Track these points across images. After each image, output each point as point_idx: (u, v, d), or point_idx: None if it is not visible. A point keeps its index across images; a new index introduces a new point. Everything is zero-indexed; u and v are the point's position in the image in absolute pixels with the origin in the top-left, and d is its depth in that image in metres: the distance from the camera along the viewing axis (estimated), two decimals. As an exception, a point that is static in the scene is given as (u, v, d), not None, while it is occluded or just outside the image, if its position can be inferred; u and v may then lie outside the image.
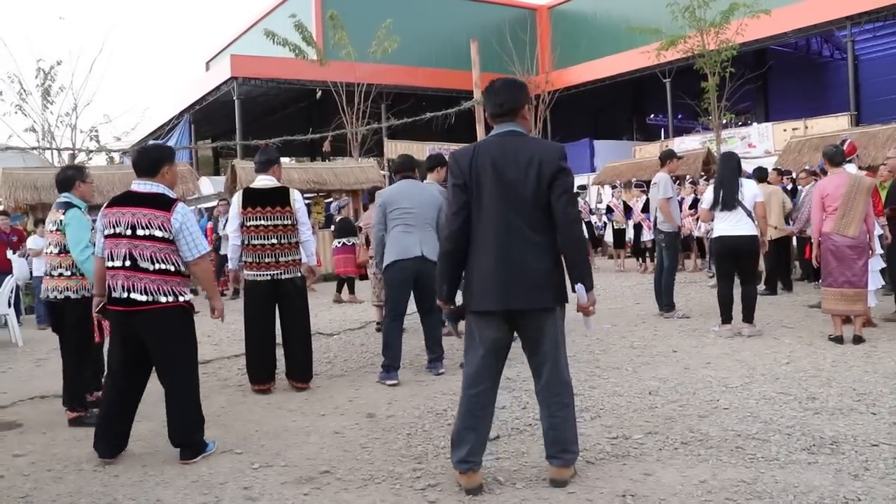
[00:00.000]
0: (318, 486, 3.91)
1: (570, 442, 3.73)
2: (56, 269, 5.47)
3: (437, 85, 27.23)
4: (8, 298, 10.25)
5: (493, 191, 3.58)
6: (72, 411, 5.49)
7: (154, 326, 4.41)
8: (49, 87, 21.96)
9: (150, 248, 4.37)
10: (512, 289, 3.56)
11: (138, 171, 4.57)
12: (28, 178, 14.49)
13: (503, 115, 3.71)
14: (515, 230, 3.56)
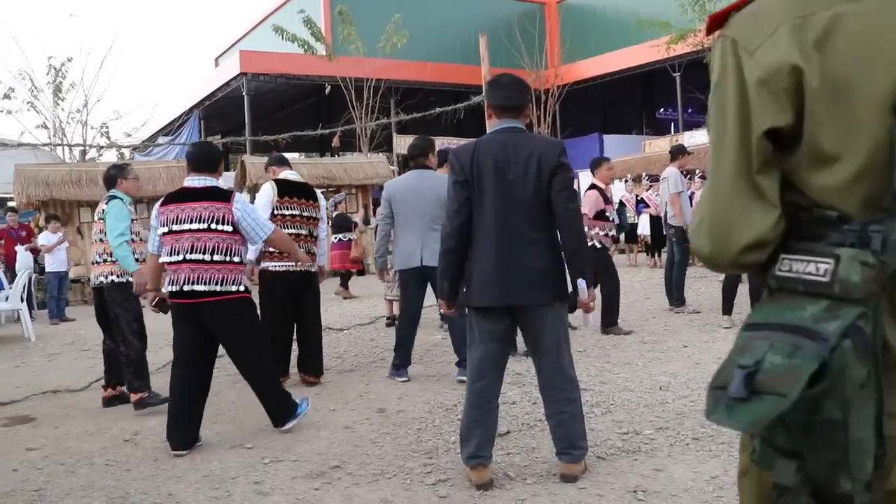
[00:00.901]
0: (329, 481, 3.92)
1: (578, 438, 3.72)
2: (101, 256, 5.73)
3: (446, 80, 27.17)
4: (21, 293, 10.31)
5: (493, 188, 3.58)
6: (135, 393, 5.58)
7: (221, 316, 4.58)
8: (60, 83, 22.11)
9: (214, 239, 4.54)
10: (511, 285, 3.56)
11: (195, 167, 4.71)
12: (40, 175, 14.56)
13: (509, 109, 3.71)
14: (515, 227, 3.57)
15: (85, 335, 9.96)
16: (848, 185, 1.15)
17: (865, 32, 1.13)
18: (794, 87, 1.15)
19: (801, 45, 1.14)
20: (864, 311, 1.08)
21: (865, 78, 1.13)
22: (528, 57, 23.65)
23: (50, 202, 14.34)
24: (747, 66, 1.19)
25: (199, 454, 4.49)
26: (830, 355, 1.05)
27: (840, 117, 1.14)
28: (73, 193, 14.52)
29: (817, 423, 1.08)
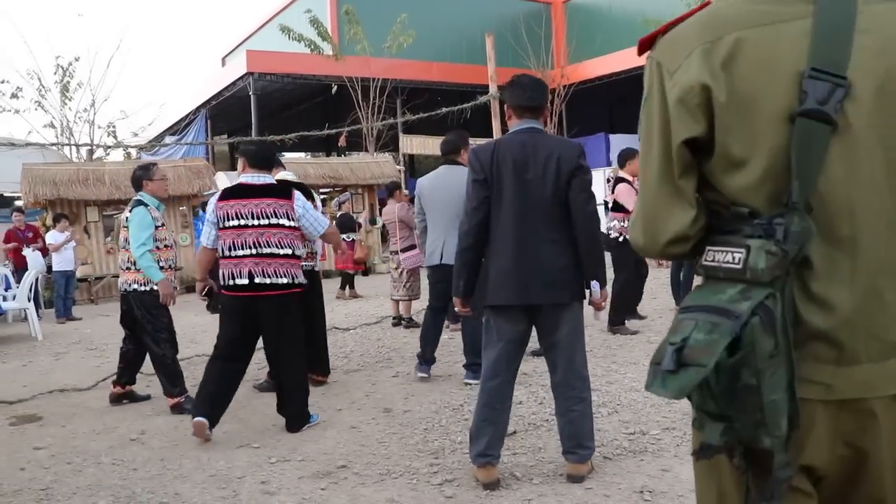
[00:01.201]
0: (335, 481, 3.92)
1: (585, 437, 3.73)
2: (126, 263, 5.70)
3: (453, 80, 27.14)
4: (28, 293, 10.35)
5: (512, 187, 3.60)
6: (171, 397, 5.60)
7: (277, 310, 4.77)
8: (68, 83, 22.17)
9: (277, 234, 4.74)
10: (530, 284, 3.58)
11: (254, 164, 4.88)
12: (47, 174, 14.59)
13: (529, 109, 3.72)
14: (534, 227, 3.59)
15: (91, 334, 10.00)
16: (755, 185, 1.32)
17: (763, 55, 1.31)
18: (706, 103, 1.33)
19: (710, 67, 1.32)
20: (772, 292, 1.24)
21: (764, 94, 1.30)
22: (535, 57, 23.62)
23: (57, 201, 14.38)
24: (668, 85, 1.37)
25: (205, 453, 4.50)
26: (742, 330, 1.21)
27: (745, 127, 1.32)
28: (80, 193, 14.55)
29: (738, 388, 1.23)
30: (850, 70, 1.28)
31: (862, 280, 1.31)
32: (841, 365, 1.31)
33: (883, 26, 1.30)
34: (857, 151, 1.30)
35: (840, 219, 1.31)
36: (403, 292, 8.84)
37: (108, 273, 14.86)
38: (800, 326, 1.30)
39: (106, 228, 15.23)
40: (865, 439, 1.33)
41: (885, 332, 1.32)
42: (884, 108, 1.29)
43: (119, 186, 14.84)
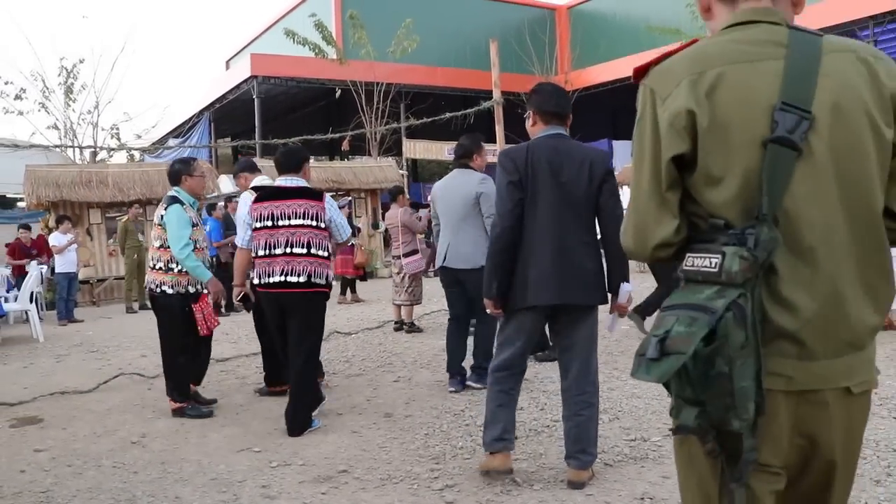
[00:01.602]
0: (336, 486, 3.92)
1: (590, 443, 3.74)
2: (156, 262, 5.49)
3: (457, 85, 27.16)
4: (30, 294, 10.35)
5: (548, 189, 3.65)
6: (173, 402, 5.50)
7: (303, 307, 4.93)
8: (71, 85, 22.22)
9: (308, 234, 4.91)
10: (568, 285, 3.64)
11: (283, 169, 5.10)
12: (50, 176, 14.62)
13: (557, 116, 3.79)
14: (571, 228, 3.66)
15: (93, 336, 10.00)
16: (731, 200, 1.51)
17: (740, 88, 1.51)
18: (691, 126, 1.52)
19: (696, 96, 1.52)
20: (743, 292, 1.42)
21: (741, 121, 1.50)
22: (539, 62, 23.68)
23: (60, 203, 14.39)
24: (660, 109, 1.56)
25: (206, 457, 4.50)
26: (717, 324, 1.38)
27: (723, 149, 1.51)
28: (82, 195, 14.57)
29: (711, 375, 1.41)
30: (814, 106, 1.49)
31: (820, 286, 1.50)
32: (801, 360, 1.50)
33: (839, 71, 1.53)
34: (817, 174, 1.50)
35: (802, 231, 1.50)
36: (405, 297, 8.83)
37: (110, 275, 14.88)
38: (767, 325, 1.47)
39: (108, 230, 15.24)
40: (818, 427, 1.54)
41: (838, 332, 1.51)
42: (838, 138, 1.50)
43: (122, 189, 14.86)
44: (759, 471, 1.51)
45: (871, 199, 1.54)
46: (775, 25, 1.57)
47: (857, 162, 1.52)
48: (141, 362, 7.78)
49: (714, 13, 1.68)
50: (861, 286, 1.53)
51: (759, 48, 1.54)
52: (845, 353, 1.53)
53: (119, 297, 14.61)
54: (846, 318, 1.52)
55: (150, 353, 8.37)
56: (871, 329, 1.55)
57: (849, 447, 1.59)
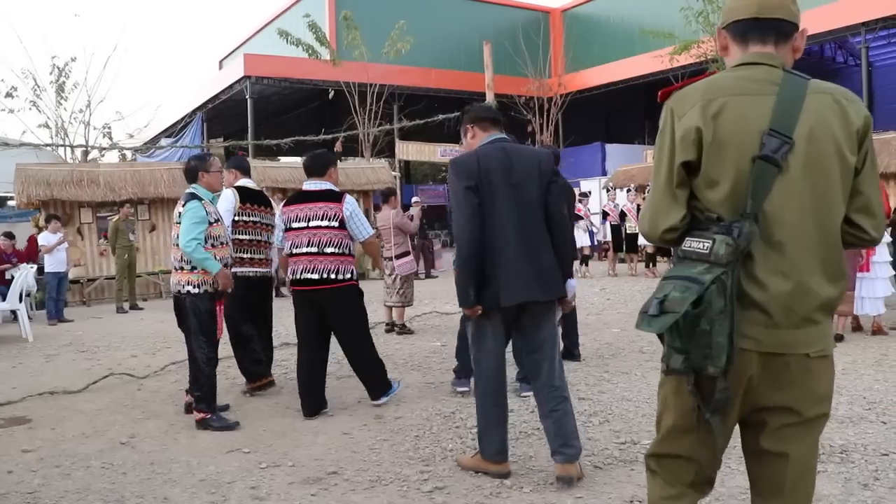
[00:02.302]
0: (326, 487, 3.91)
1: (571, 435, 3.81)
2: (178, 262, 5.30)
3: (450, 86, 27.17)
4: (20, 293, 10.30)
5: (503, 191, 3.74)
6: (198, 412, 5.22)
7: (334, 302, 5.30)
8: (63, 83, 22.12)
9: (328, 234, 5.28)
10: (535, 282, 3.75)
11: (310, 173, 5.47)
12: (41, 174, 14.55)
13: (496, 122, 4.00)
14: (528, 228, 3.77)
15: (83, 336, 9.96)
16: (723, 199, 1.98)
17: (739, 115, 1.97)
18: (698, 140, 1.99)
19: (704, 117, 1.98)
20: (726, 270, 1.88)
21: (737, 140, 1.96)
22: (532, 65, 23.70)
23: (50, 202, 14.33)
24: (676, 125, 2.03)
25: (195, 458, 4.49)
26: (704, 292, 1.85)
27: (721, 159, 1.97)
28: (73, 194, 14.51)
29: (696, 331, 1.87)
30: (795, 134, 1.93)
31: (785, 271, 1.94)
32: (768, 328, 1.95)
33: (817, 109, 1.97)
34: (791, 186, 1.94)
35: (775, 228, 1.95)
36: (397, 298, 8.83)
37: (100, 275, 14.82)
38: (744, 297, 1.93)
39: (99, 230, 15.18)
40: (782, 381, 2.00)
41: (797, 309, 1.95)
42: (811, 160, 1.95)
43: (113, 188, 14.80)
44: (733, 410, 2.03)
45: (834, 209, 1.98)
46: (773, 68, 2.02)
47: (824, 179, 1.95)
48: (131, 362, 7.75)
49: (730, 52, 2.13)
50: (821, 275, 1.97)
51: (757, 85, 1.99)
52: (804, 326, 1.97)
53: (110, 296, 14.55)
54: (804, 298, 1.95)
55: (141, 353, 8.35)
56: (823, 307, 1.99)
57: (808, 400, 2.03)
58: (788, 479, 2.07)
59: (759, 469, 2.13)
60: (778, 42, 2.06)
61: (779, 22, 2.05)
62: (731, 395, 1.96)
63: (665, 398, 2.20)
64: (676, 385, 2.10)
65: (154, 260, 15.23)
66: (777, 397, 2.01)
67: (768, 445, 2.07)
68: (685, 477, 2.17)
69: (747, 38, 2.08)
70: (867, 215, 2.03)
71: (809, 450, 2.09)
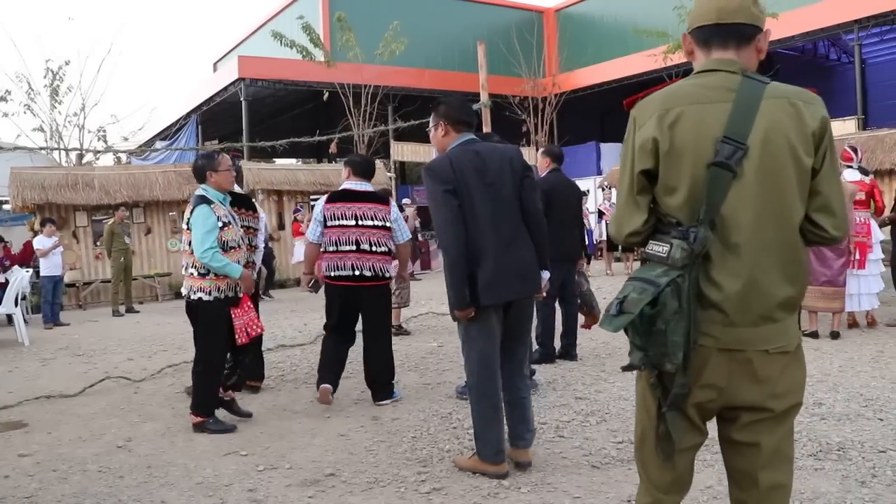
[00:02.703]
0: (323, 489, 3.91)
1: (532, 421, 4.11)
2: (188, 268, 5.15)
3: (444, 87, 27.08)
4: (15, 297, 10.27)
5: (480, 192, 3.82)
6: (195, 416, 5.15)
7: (376, 297, 5.61)
8: (57, 87, 22.06)
9: (376, 234, 5.55)
10: (520, 278, 3.88)
11: (358, 174, 5.69)
12: (36, 178, 14.53)
13: (468, 124, 4.05)
14: (508, 225, 3.88)
15: (79, 340, 9.94)
16: (681, 205, 2.04)
17: (695, 123, 2.03)
18: (654, 150, 2.06)
19: (660, 127, 2.05)
20: (682, 273, 1.96)
21: (692, 148, 2.02)
22: (526, 65, 23.69)
23: (45, 205, 14.31)
24: (636, 135, 2.11)
25: (192, 461, 4.48)
26: (659, 294, 1.94)
27: (677, 168, 2.04)
28: (68, 197, 14.49)
29: (653, 331, 1.96)
30: (749, 140, 1.99)
31: (741, 272, 2.00)
32: (726, 326, 2.01)
33: (772, 113, 2.01)
34: (747, 191, 2.00)
35: (731, 232, 2.00)
36: (393, 300, 8.80)
37: (96, 278, 14.79)
38: (703, 298, 2.00)
39: (95, 233, 15.16)
40: (744, 377, 2.04)
41: (754, 308, 2.01)
42: (765, 165, 2.00)
43: (108, 191, 14.79)
44: (691, 408, 2.10)
45: (791, 211, 2.03)
46: (732, 74, 2.07)
47: (779, 183, 2.01)
48: (127, 366, 7.74)
49: (695, 56, 2.20)
50: (779, 275, 2.03)
51: (714, 93, 2.06)
52: (762, 324, 2.03)
53: (105, 300, 14.54)
54: (761, 298, 2.01)
55: (137, 356, 8.34)
56: (782, 306, 2.04)
57: (774, 395, 2.06)
58: (760, 465, 2.11)
59: (733, 458, 2.18)
60: (740, 45, 2.11)
61: (739, 26, 2.10)
62: (688, 391, 2.04)
63: (637, 398, 2.31)
64: (643, 384, 2.21)
65: (149, 263, 15.21)
66: (744, 395, 2.06)
67: (740, 437, 2.12)
68: (664, 478, 2.23)
69: (709, 43, 2.14)
70: (827, 214, 2.06)
71: (782, 438, 2.12)
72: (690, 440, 2.15)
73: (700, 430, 2.16)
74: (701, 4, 2.16)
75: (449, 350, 7.45)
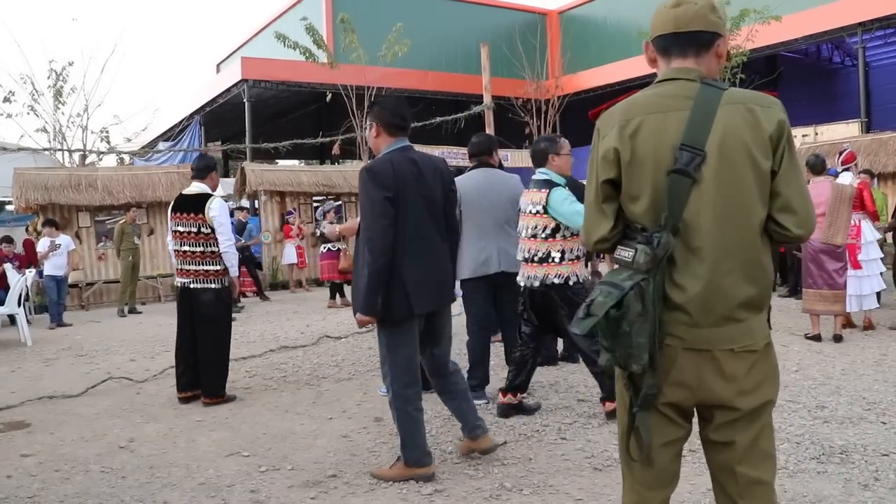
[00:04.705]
0: (325, 490, 3.91)
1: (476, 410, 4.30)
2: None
3: (447, 89, 27.16)
4: (18, 298, 10.28)
5: (415, 202, 3.88)
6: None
7: None
8: (61, 88, 22.06)
9: None
10: (445, 289, 4.05)
11: None
12: (39, 179, 14.54)
13: (404, 129, 4.04)
14: (437, 236, 3.99)
15: (82, 340, 9.95)
16: (645, 212, 2.12)
17: (654, 132, 2.10)
18: (616, 160, 2.14)
19: (621, 138, 2.13)
20: (646, 277, 2.03)
21: (653, 157, 2.09)
22: (529, 67, 23.68)
23: (49, 206, 14.32)
24: (600, 144, 2.19)
25: (194, 462, 4.48)
26: (623, 297, 2.01)
27: (639, 176, 2.11)
28: (71, 198, 14.49)
29: (619, 333, 2.03)
30: (707, 146, 2.05)
31: (703, 275, 2.07)
32: (691, 326, 2.08)
33: (728, 119, 2.07)
34: (706, 196, 2.06)
35: (693, 236, 2.07)
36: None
37: (98, 279, 14.80)
38: (668, 300, 2.08)
39: (98, 234, 15.17)
40: (711, 376, 2.09)
41: (717, 309, 2.07)
42: (723, 170, 2.06)
43: (111, 192, 14.80)
44: (666, 407, 2.16)
45: (751, 213, 2.08)
46: (690, 82, 2.13)
47: (737, 187, 2.06)
48: (130, 366, 7.74)
49: (657, 64, 2.25)
50: (741, 276, 2.08)
51: (672, 101, 2.12)
52: (725, 324, 2.08)
53: (108, 300, 14.57)
54: (722, 299, 2.07)
55: (139, 357, 8.34)
56: (746, 306, 2.09)
57: (742, 394, 2.10)
58: (736, 461, 2.15)
59: (712, 455, 2.23)
60: (699, 53, 2.17)
61: (697, 34, 2.15)
62: (657, 391, 2.11)
63: (617, 402, 2.35)
64: (621, 387, 2.27)
65: (153, 264, 15.21)
66: (714, 394, 2.10)
67: (716, 437, 2.17)
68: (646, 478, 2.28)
69: (669, 51, 2.19)
70: (789, 213, 2.10)
71: (758, 434, 2.15)
72: (669, 435, 2.20)
73: (679, 425, 2.20)
74: (659, 13, 2.21)
75: (451, 352, 7.44)
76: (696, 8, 2.15)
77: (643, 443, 2.17)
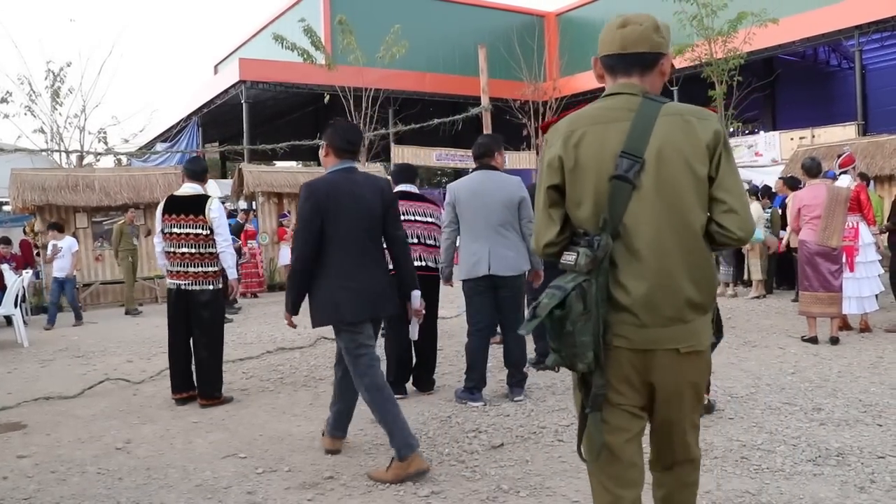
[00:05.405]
0: (322, 492, 3.91)
1: None
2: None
3: (445, 91, 27.20)
4: (15, 299, 10.26)
5: (351, 219, 4.13)
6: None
7: (431, 286, 5.76)
8: (58, 88, 22.04)
9: (432, 230, 6.04)
10: (377, 300, 4.22)
11: (404, 180, 6.17)
12: (36, 180, 14.51)
13: (351, 152, 4.31)
14: (372, 252, 4.23)
15: (78, 342, 9.94)
16: (588, 217, 2.24)
17: (596, 142, 2.23)
18: (560, 167, 2.29)
19: (566, 147, 2.27)
20: (588, 278, 2.15)
21: (595, 164, 2.22)
22: (527, 69, 23.71)
23: (46, 207, 14.29)
24: (547, 153, 2.32)
25: (191, 463, 4.48)
26: (565, 298, 2.12)
27: (581, 183, 2.25)
28: (69, 199, 14.46)
29: (563, 333, 2.14)
30: (646, 154, 2.18)
31: (647, 276, 2.17)
32: (637, 327, 2.19)
33: (666, 129, 2.20)
34: (645, 201, 2.18)
35: (634, 239, 2.18)
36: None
37: (96, 280, 14.78)
38: (614, 301, 2.19)
39: (95, 235, 15.14)
40: (656, 375, 2.23)
41: (662, 310, 2.18)
42: (661, 176, 2.18)
43: (109, 193, 14.77)
44: (614, 407, 2.27)
45: (690, 218, 2.19)
46: (633, 96, 2.26)
47: (676, 192, 2.18)
48: (127, 368, 7.74)
49: (604, 80, 2.38)
50: (684, 278, 2.19)
51: (615, 113, 2.25)
52: (670, 325, 2.19)
53: (105, 301, 14.56)
54: (666, 300, 2.18)
55: (136, 358, 8.33)
56: (690, 307, 2.20)
57: (682, 390, 2.27)
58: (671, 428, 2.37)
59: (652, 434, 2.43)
60: (643, 72, 2.30)
61: (641, 55, 2.28)
62: (606, 392, 2.22)
63: (574, 400, 2.44)
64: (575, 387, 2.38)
65: (150, 265, 15.18)
66: (662, 388, 2.25)
67: (659, 416, 2.34)
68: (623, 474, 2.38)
69: (615, 69, 2.33)
70: (730, 215, 2.20)
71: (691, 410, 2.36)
72: (635, 428, 2.33)
73: (636, 416, 2.32)
74: (607, 33, 2.33)
75: (449, 353, 7.45)
76: (640, 29, 2.27)
77: (595, 443, 2.27)
